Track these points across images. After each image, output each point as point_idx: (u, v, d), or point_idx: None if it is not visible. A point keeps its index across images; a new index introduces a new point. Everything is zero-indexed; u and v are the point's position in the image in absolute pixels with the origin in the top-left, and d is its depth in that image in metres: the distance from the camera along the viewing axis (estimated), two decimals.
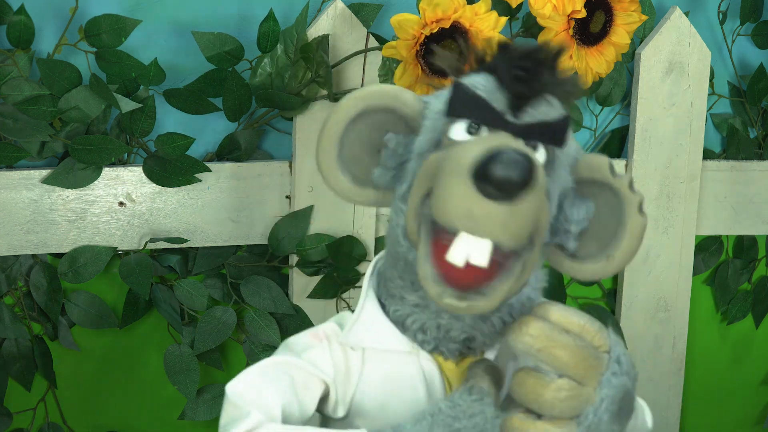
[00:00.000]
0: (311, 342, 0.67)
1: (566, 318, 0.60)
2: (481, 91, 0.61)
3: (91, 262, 0.98)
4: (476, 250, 0.57)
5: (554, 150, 0.62)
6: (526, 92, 0.60)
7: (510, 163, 0.55)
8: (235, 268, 1.03)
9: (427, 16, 0.85)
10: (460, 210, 0.57)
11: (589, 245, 0.65)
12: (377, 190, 0.66)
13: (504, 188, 0.55)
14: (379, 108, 0.65)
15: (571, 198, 0.64)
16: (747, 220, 1.21)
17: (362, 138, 0.66)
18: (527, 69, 0.61)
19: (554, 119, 0.61)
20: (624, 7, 0.96)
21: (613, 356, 0.61)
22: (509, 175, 0.55)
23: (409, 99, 0.65)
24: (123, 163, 1.00)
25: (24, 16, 0.91)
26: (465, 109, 0.61)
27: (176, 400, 1.04)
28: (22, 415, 1.02)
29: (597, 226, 0.65)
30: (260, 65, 0.98)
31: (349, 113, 0.65)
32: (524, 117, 0.61)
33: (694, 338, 1.25)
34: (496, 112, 0.61)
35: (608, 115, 1.17)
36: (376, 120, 0.66)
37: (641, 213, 0.64)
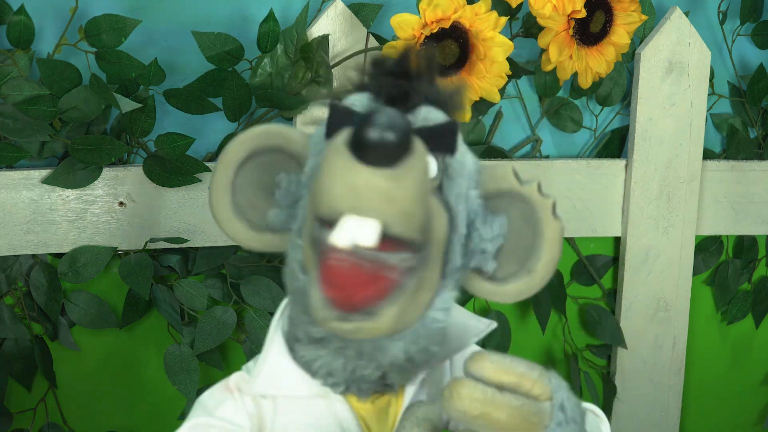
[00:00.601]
0: (223, 396, 0.64)
1: (502, 370, 0.56)
2: (357, 107, 0.59)
3: (91, 262, 0.98)
4: (362, 230, 0.54)
5: (445, 158, 0.59)
6: (398, 99, 0.58)
7: (385, 124, 0.52)
8: (235, 268, 1.03)
9: (427, 16, 0.85)
10: (340, 185, 0.53)
11: (507, 263, 0.62)
12: (274, 235, 0.63)
13: (381, 149, 0.52)
14: (266, 149, 0.63)
15: (481, 215, 0.61)
16: (747, 220, 1.21)
17: (254, 182, 0.63)
18: (398, 77, 0.59)
19: (438, 124, 0.59)
20: (624, 7, 0.96)
21: (556, 404, 0.57)
22: (384, 135, 0.52)
23: (296, 136, 0.63)
24: (123, 163, 1.00)
25: (24, 16, 0.91)
26: (339, 125, 0.58)
27: (176, 400, 1.05)
28: (23, 415, 1.02)
29: (513, 240, 0.61)
30: (260, 65, 0.98)
31: (237, 157, 0.63)
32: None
33: (694, 338, 1.25)
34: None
35: (608, 115, 1.17)
36: (266, 161, 0.63)
37: (555, 217, 0.60)
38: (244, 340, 1.03)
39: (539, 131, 1.15)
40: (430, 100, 0.60)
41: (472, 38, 0.87)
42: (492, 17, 0.87)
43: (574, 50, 0.95)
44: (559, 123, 1.15)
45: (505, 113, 1.13)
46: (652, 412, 1.21)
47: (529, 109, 1.14)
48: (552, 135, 1.16)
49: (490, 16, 0.87)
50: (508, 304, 1.18)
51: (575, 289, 1.20)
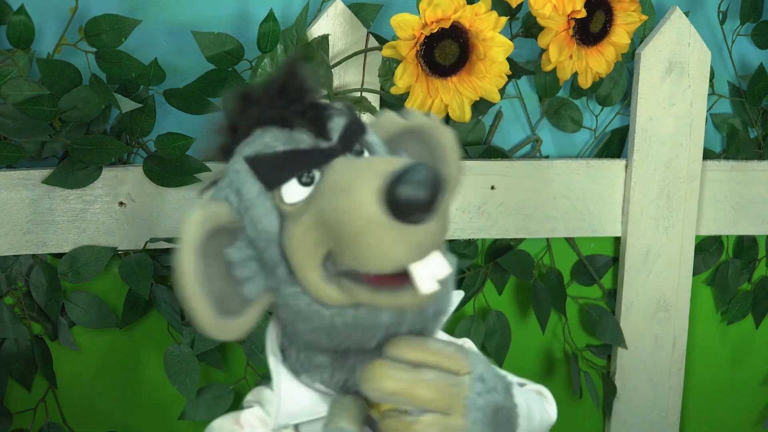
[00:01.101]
0: (233, 429, 0.64)
1: (418, 349, 0.57)
2: (281, 147, 0.58)
3: (91, 262, 0.98)
4: (434, 267, 0.56)
5: (365, 139, 0.61)
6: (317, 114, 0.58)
7: (417, 184, 0.53)
8: None
9: (427, 16, 0.85)
10: (400, 252, 0.54)
11: None
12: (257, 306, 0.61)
13: (429, 206, 0.53)
14: (208, 235, 0.60)
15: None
16: (747, 220, 1.21)
17: (215, 276, 0.60)
18: (298, 97, 0.59)
19: (348, 116, 0.60)
20: (624, 7, 0.96)
21: (475, 375, 0.58)
22: (421, 197, 0.53)
23: (217, 210, 0.60)
24: (123, 163, 1.00)
25: (24, 16, 0.91)
26: (283, 172, 0.58)
27: (176, 400, 1.05)
28: (23, 415, 1.02)
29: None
30: (260, 65, 0.98)
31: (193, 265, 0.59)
32: (332, 134, 0.59)
33: (694, 338, 1.25)
34: (310, 151, 0.58)
35: (608, 115, 1.17)
36: (211, 252, 0.60)
37: (444, 126, 0.64)
38: (244, 340, 1.03)
39: (539, 131, 1.15)
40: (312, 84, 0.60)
41: (472, 38, 0.87)
42: (492, 17, 0.87)
43: (574, 50, 0.95)
44: (559, 123, 1.15)
45: (505, 113, 1.13)
46: (652, 412, 1.21)
47: (529, 109, 1.14)
48: (552, 135, 1.16)
49: (490, 16, 0.87)
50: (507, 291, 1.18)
51: (575, 289, 1.20)
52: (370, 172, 0.55)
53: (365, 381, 0.57)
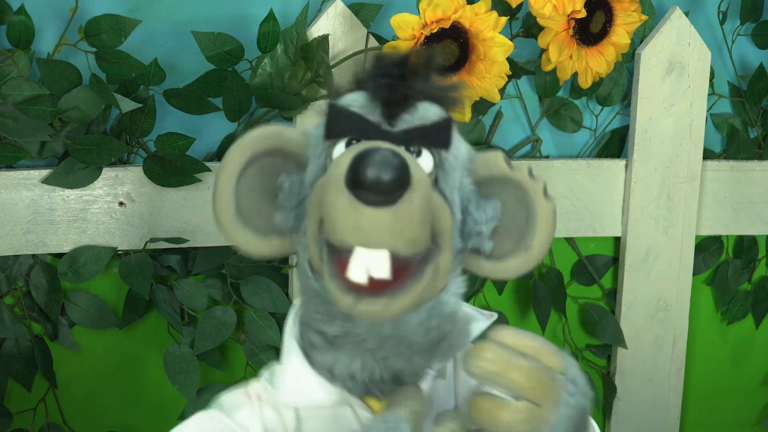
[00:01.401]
0: (242, 401, 0.66)
1: (522, 341, 0.59)
2: (355, 107, 0.61)
3: (91, 262, 0.98)
4: (375, 262, 0.57)
5: (440, 152, 0.61)
6: (395, 99, 0.60)
7: (379, 163, 0.54)
8: (235, 268, 1.03)
9: (427, 16, 0.85)
10: (346, 225, 0.56)
11: (504, 242, 0.64)
12: (283, 238, 0.64)
13: (380, 190, 0.54)
14: (266, 152, 0.63)
15: (474, 200, 0.64)
16: (747, 220, 1.21)
17: (256, 187, 0.64)
18: (395, 77, 0.60)
19: (433, 122, 0.61)
20: (624, 7, 0.96)
21: (569, 376, 0.59)
22: (381, 176, 0.54)
23: (293, 135, 0.64)
24: (123, 163, 1.00)
25: (24, 16, 0.91)
26: (341, 128, 0.61)
27: (176, 400, 1.05)
28: (23, 416, 1.02)
29: (508, 221, 0.64)
30: (260, 65, 0.98)
31: (237, 164, 0.63)
32: (400, 124, 0.60)
33: (694, 338, 1.25)
34: (370, 124, 0.60)
35: (608, 115, 1.17)
36: (266, 165, 0.64)
37: (547, 197, 0.63)
38: (244, 340, 1.03)
39: (539, 131, 1.15)
40: (427, 97, 0.62)
41: (472, 38, 0.87)
42: (492, 17, 0.87)
43: (574, 50, 0.95)
44: (559, 123, 1.15)
45: (505, 113, 1.13)
46: (652, 412, 1.21)
47: (529, 109, 1.14)
48: (552, 135, 1.16)
49: (490, 16, 0.87)
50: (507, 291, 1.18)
51: (575, 289, 1.20)
52: (354, 149, 0.57)
53: (470, 357, 0.57)
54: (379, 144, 0.57)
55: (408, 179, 0.55)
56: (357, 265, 0.57)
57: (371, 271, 0.57)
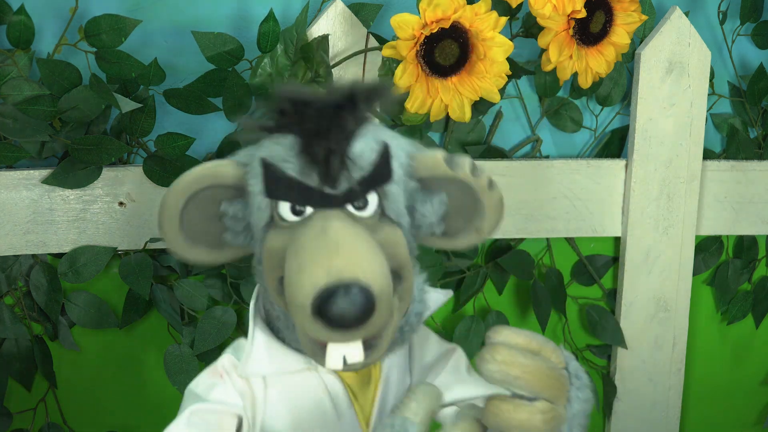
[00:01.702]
0: (212, 381, 0.68)
1: (527, 340, 0.60)
2: (291, 169, 0.60)
3: (91, 262, 0.98)
4: (349, 351, 0.59)
5: (385, 187, 0.62)
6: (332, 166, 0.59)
7: (347, 305, 0.56)
8: (235, 268, 1.03)
9: (427, 16, 0.85)
10: (317, 335, 0.58)
11: (455, 222, 0.66)
12: (236, 248, 0.67)
13: (349, 324, 0.56)
14: (202, 189, 0.65)
15: (420, 198, 0.65)
16: (747, 220, 1.21)
17: (200, 216, 0.65)
18: (323, 132, 0.59)
19: (372, 164, 0.61)
20: (624, 7, 0.96)
21: (572, 371, 0.61)
22: (350, 316, 0.56)
23: (228, 171, 0.64)
24: (123, 163, 1.00)
25: (24, 16, 0.91)
26: (282, 192, 0.61)
27: (176, 400, 1.04)
28: (23, 416, 1.02)
29: (456, 205, 0.66)
30: (260, 65, 0.98)
31: (176, 209, 0.64)
32: (341, 184, 0.60)
33: (694, 338, 1.25)
34: (312, 190, 0.60)
35: (608, 115, 1.17)
36: (206, 196, 0.65)
37: (492, 189, 0.65)
38: None
39: (539, 131, 1.15)
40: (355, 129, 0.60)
41: (472, 38, 0.87)
42: (492, 17, 0.87)
43: (574, 50, 0.95)
44: (559, 123, 1.15)
45: (505, 113, 1.13)
46: (652, 412, 1.21)
47: (529, 109, 1.14)
48: (552, 135, 1.16)
49: (490, 16, 0.87)
50: (507, 291, 1.18)
51: (575, 289, 1.20)
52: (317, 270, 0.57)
53: (489, 362, 0.58)
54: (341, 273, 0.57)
55: (374, 306, 0.57)
56: (333, 356, 0.59)
57: (348, 359, 0.59)
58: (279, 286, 0.62)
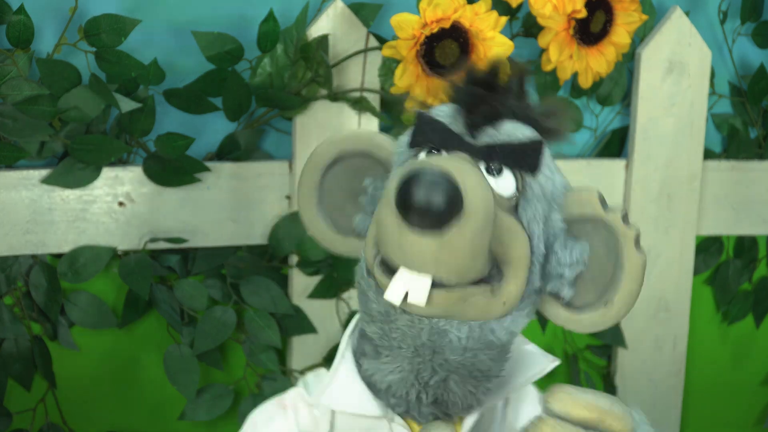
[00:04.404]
0: (275, 412, 0.65)
1: (584, 407, 0.53)
2: (441, 117, 0.58)
3: (90, 262, 0.98)
4: (414, 286, 0.54)
5: (525, 177, 0.58)
6: (479, 110, 0.57)
7: (428, 186, 0.50)
8: (235, 268, 1.03)
9: (427, 16, 0.85)
10: (391, 244, 0.53)
11: (585, 292, 0.60)
12: (359, 238, 0.64)
13: (426, 215, 0.50)
14: (355, 153, 0.63)
15: (562, 239, 0.60)
16: (747, 220, 1.21)
17: (341, 185, 0.63)
18: (484, 88, 0.58)
19: (521, 141, 0.57)
20: (624, 6, 0.96)
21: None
22: (428, 199, 0.50)
23: (383, 142, 0.63)
24: (123, 162, 0.99)
25: (23, 16, 0.91)
26: (424, 137, 0.58)
27: (176, 400, 1.04)
28: (22, 416, 1.02)
29: (593, 269, 0.60)
30: (260, 65, 0.98)
31: (325, 159, 0.63)
32: (483, 137, 0.57)
33: (694, 338, 1.25)
34: (453, 134, 0.57)
35: (608, 115, 1.17)
36: (353, 165, 0.63)
37: (638, 249, 0.58)
38: (244, 340, 1.03)
39: None
40: (519, 118, 0.59)
41: (472, 38, 0.87)
42: (492, 17, 0.87)
43: (574, 50, 0.95)
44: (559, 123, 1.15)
45: None
46: (652, 412, 1.21)
47: None
48: None
49: (490, 16, 0.87)
50: None
51: None
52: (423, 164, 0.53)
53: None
54: (433, 163, 0.52)
55: (459, 206, 0.51)
56: (396, 286, 0.54)
57: (409, 296, 0.54)
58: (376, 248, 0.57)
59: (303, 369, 1.06)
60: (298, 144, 1.01)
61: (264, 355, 1.03)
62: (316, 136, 1.00)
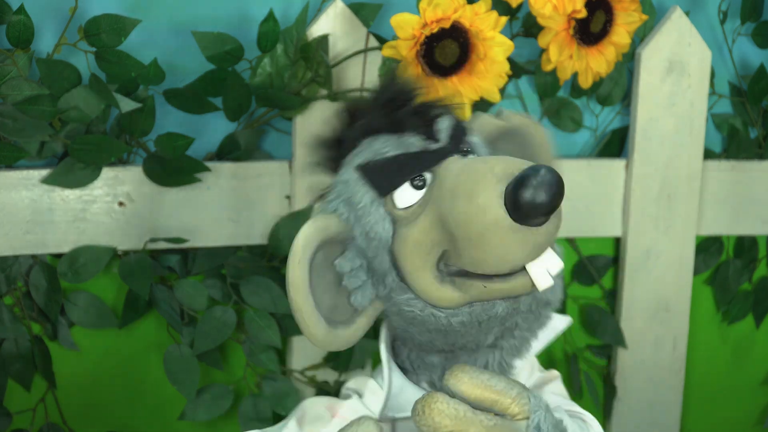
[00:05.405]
0: (325, 415, 0.67)
1: (479, 387, 0.57)
2: (390, 150, 0.60)
3: (90, 262, 0.98)
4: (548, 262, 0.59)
5: (468, 138, 0.63)
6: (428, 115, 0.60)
7: (539, 188, 0.55)
8: (235, 268, 1.03)
9: (427, 16, 0.85)
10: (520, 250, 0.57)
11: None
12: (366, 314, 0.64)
13: (545, 212, 0.56)
14: (317, 248, 0.62)
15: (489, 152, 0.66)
16: (747, 220, 1.21)
17: (323, 288, 0.63)
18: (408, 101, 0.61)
19: (452, 115, 0.62)
20: (624, 6, 0.96)
21: (532, 424, 0.57)
22: (544, 200, 0.55)
23: (330, 223, 0.63)
24: (123, 163, 0.99)
25: (23, 16, 0.91)
26: (394, 175, 0.60)
27: (176, 400, 1.04)
28: (22, 416, 1.02)
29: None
30: (260, 65, 0.98)
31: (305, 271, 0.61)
32: (441, 134, 0.60)
33: (694, 338, 1.25)
34: (421, 154, 0.60)
35: (608, 115, 1.17)
36: (319, 263, 0.63)
37: (537, 123, 0.66)
38: (244, 340, 1.03)
39: None
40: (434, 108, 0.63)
41: (473, 38, 0.87)
42: (492, 17, 0.87)
43: (574, 50, 0.95)
44: (560, 123, 1.15)
45: None
46: (652, 412, 1.21)
47: (529, 108, 1.14)
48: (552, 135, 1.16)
49: (490, 16, 0.87)
50: None
51: (575, 289, 1.20)
52: (492, 174, 0.56)
53: (419, 414, 0.56)
54: (525, 164, 0.57)
55: (563, 187, 0.57)
56: (539, 275, 0.58)
57: (551, 270, 0.59)
58: (438, 273, 0.59)
59: (303, 369, 1.06)
60: (298, 144, 1.01)
61: (264, 355, 1.03)
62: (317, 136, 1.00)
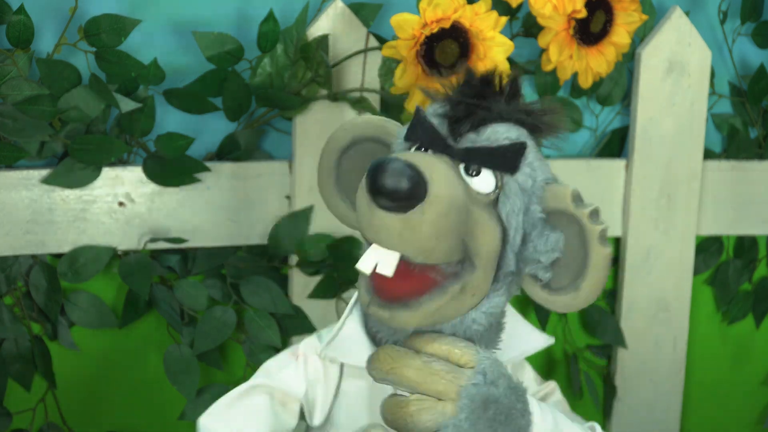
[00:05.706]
0: (287, 361, 0.72)
1: (429, 342, 0.63)
2: (434, 117, 0.64)
3: (90, 262, 0.98)
4: (383, 260, 0.61)
5: (503, 176, 0.64)
6: (460, 118, 0.63)
7: (392, 173, 0.58)
8: (235, 268, 1.03)
9: (427, 16, 0.85)
10: (364, 221, 0.61)
11: (561, 276, 0.66)
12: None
13: (392, 198, 0.58)
14: (367, 138, 0.69)
15: (540, 228, 0.66)
16: (747, 220, 1.21)
17: (356, 167, 0.70)
18: (472, 96, 0.64)
19: (500, 145, 0.63)
20: (624, 6, 0.96)
21: (478, 369, 0.63)
22: (393, 185, 0.58)
23: (393, 129, 0.69)
24: (123, 162, 0.99)
25: (23, 16, 0.91)
26: (415, 134, 0.65)
27: (176, 400, 1.04)
28: (22, 416, 1.02)
29: (568, 256, 0.66)
30: (260, 65, 0.98)
31: (340, 143, 0.69)
32: (464, 142, 0.63)
33: (694, 338, 1.25)
34: (438, 136, 0.64)
35: (608, 115, 1.17)
36: (367, 149, 0.69)
37: (603, 244, 0.64)
38: (244, 340, 1.03)
39: None
40: (511, 120, 0.64)
41: (473, 38, 0.87)
42: (492, 17, 0.87)
43: (574, 50, 0.95)
44: None
45: None
46: (652, 412, 1.21)
47: None
48: None
49: (490, 16, 0.87)
50: None
51: None
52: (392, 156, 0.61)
53: (368, 361, 0.63)
54: (400, 156, 0.60)
55: (419, 192, 0.58)
56: (367, 257, 0.61)
57: (378, 267, 0.61)
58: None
59: None
60: (298, 144, 1.01)
61: (264, 355, 1.03)
62: (316, 136, 1.01)
